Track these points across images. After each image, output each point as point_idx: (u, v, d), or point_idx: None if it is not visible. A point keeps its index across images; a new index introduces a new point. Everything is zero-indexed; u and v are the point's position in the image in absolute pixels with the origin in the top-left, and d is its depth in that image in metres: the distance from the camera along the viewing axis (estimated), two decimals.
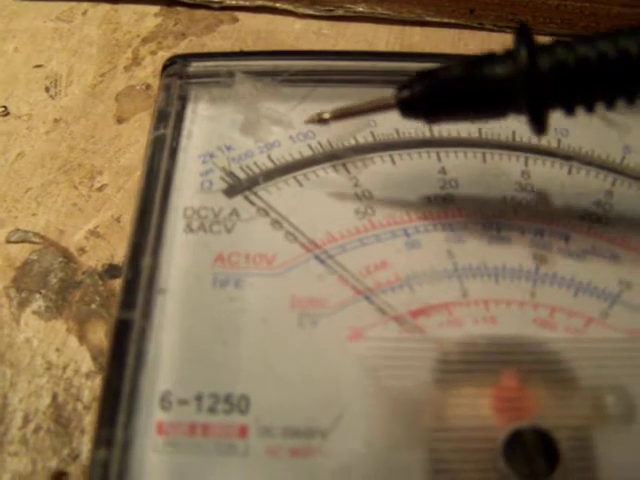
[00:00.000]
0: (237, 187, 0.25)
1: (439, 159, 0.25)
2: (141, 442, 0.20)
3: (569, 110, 0.21)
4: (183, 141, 0.26)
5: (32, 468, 0.23)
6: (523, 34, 0.20)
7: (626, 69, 0.20)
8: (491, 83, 0.21)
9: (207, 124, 0.26)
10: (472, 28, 0.34)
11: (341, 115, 0.23)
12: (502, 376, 0.21)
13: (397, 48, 0.33)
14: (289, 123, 0.26)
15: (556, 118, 0.26)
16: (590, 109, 0.21)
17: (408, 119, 0.22)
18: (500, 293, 0.23)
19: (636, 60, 0.19)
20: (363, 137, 0.26)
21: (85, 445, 0.23)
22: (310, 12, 0.34)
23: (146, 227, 0.23)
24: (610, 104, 0.20)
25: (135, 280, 0.22)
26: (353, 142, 0.26)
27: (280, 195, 0.25)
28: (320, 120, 0.24)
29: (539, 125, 0.21)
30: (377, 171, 0.25)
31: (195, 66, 0.28)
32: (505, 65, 0.20)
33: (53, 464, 0.23)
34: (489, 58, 0.21)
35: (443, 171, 0.25)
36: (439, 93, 0.21)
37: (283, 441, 0.20)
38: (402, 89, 0.22)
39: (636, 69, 0.20)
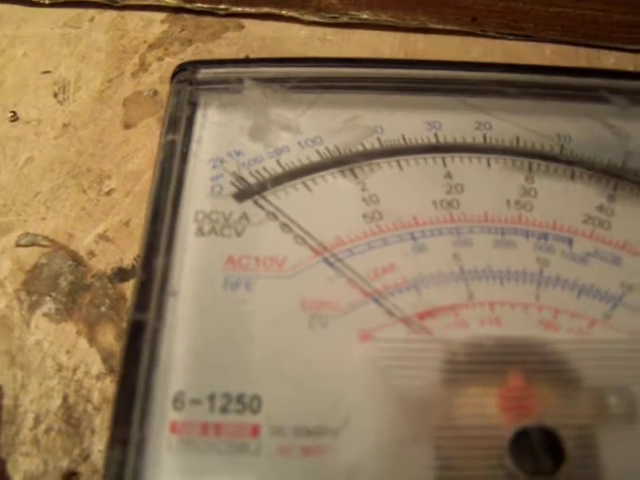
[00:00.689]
0: (247, 192, 0.25)
1: (445, 164, 0.26)
2: (155, 441, 0.20)
3: None
4: (193, 146, 0.26)
5: (44, 468, 0.23)
6: None
7: None
8: None
9: (217, 129, 0.27)
10: (475, 35, 0.34)
11: None
12: (508, 376, 0.22)
13: (401, 55, 0.33)
14: (297, 129, 0.27)
15: (558, 124, 0.27)
16: None
17: None
18: (505, 295, 0.23)
19: None
20: (370, 143, 0.26)
21: (95, 445, 0.23)
22: (315, 19, 0.34)
23: (158, 230, 0.24)
24: None
25: (148, 282, 0.23)
26: (360, 148, 0.26)
27: (289, 200, 0.25)
28: None
29: None
30: (384, 176, 0.25)
31: (204, 72, 0.28)
32: None
33: (64, 464, 0.23)
34: None
35: (449, 176, 0.26)
36: None
37: (294, 440, 0.20)
38: None
39: None
